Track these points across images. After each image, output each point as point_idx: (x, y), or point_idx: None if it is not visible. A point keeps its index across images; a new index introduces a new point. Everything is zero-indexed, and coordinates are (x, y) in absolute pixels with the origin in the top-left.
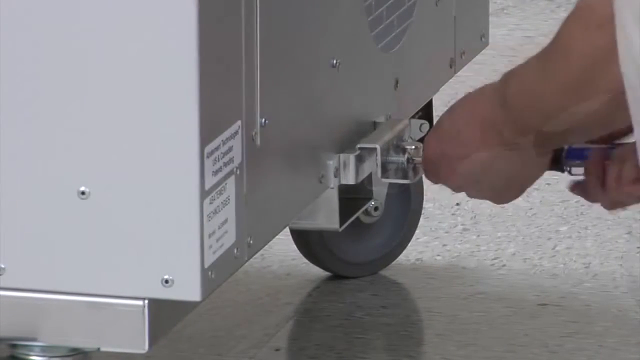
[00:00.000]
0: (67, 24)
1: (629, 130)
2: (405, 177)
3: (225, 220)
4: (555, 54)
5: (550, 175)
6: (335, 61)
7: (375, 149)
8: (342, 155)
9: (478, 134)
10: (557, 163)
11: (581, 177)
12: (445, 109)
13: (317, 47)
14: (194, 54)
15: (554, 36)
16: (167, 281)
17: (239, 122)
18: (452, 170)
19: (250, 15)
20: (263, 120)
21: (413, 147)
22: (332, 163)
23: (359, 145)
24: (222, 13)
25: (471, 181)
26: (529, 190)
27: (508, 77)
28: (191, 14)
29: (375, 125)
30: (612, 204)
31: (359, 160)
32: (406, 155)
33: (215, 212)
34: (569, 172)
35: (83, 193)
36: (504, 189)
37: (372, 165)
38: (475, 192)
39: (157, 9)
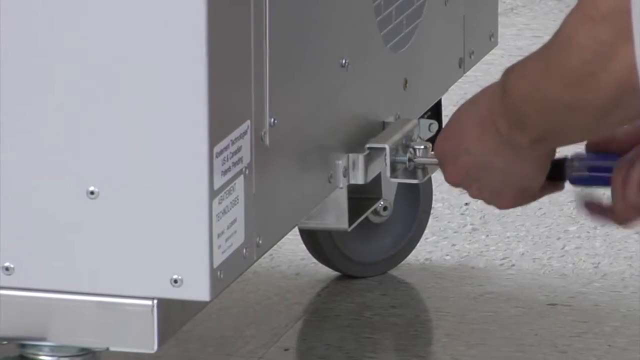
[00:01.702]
0: (77, 23)
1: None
2: (414, 177)
3: (234, 220)
4: (557, 46)
5: None
6: (344, 61)
7: (384, 148)
8: (351, 155)
9: (477, 129)
10: (559, 173)
11: (586, 191)
12: (455, 108)
13: (326, 47)
14: (204, 54)
15: (557, 29)
16: (176, 281)
17: (248, 122)
18: (454, 166)
19: (259, 15)
20: (272, 120)
21: (422, 147)
22: (341, 163)
23: (368, 145)
24: (231, 13)
25: (471, 178)
26: None
27: (509, 69)
28: (200, 14)
29: (384, 125)
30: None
31: (368, 160)
32: (407, 155)
33: (224, 212)
34: (571, 182)
35: (92, 193)
36: (502, 188)
37: (381, 165)
38: (475, 191)
39: (166, 9)
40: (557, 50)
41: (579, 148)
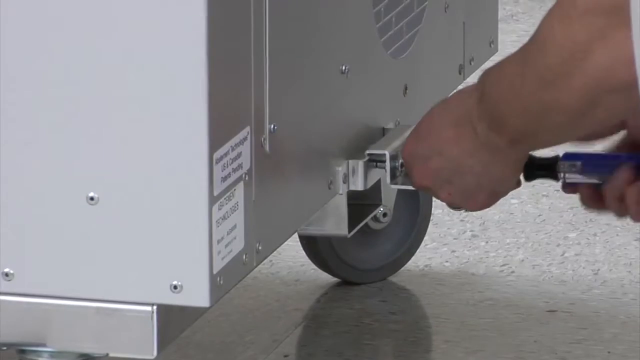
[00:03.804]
0: (77, 28)
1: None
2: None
3: (234, 226)
4: (535, 45)
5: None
6: (344, 67)
7: (384, 155)
8: (351, 162)
9: (452, 130)
10: (551, 170)
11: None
12: None
13: (326, 54)
14: (203, 61)
15: (536, 29)
16: (175, 287)
17: (248, 128)
18: (424, 168)
19: (259, 21)
20: (272, 126)
21: None
22: (341, 169)
23: (367, 152)
24: (231, 19)
25: (442, 180)
26: (537, 196)
27: (487, 71)
28: (201, 20)
29: (384, 131)
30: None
31: (368, 166)
32: (400, 160)
33: (224, 218)
34: (564, 181)
35: (92, 199)
36: (475, 191)
37: (380, 172)
38: (445, 193)
39: (166, 16)
40: (534, 49)
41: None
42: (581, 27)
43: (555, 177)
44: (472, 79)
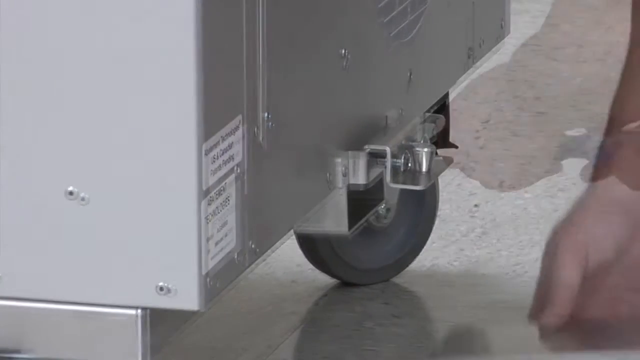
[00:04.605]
0: (63, 22)
1: None
2: (416, 182)
3: (226, 223)
4: None
5: (576, 175)
6: (344, 51)
7: (384, 151)
8: (351, 154)
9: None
10: None
11: None
12: (462, 102)
13: (324, 37)
14: (199, 56)
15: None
16: (162, 289)
17: (239, 117)
18: None
19: (253, 7)
20: (266, 115)
21: (425, 149)
22: (340, 161)
23: (368, 147)
24: (223, 8)
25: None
26: (553, 190)
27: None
28: (191, 11)
29: (387, 119)
30: None
31: (369, 160)
32: (402, 159)
33: (214, 213)
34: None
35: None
36: None
37: (381, 168)
38: None
39: (153, 4)
40: None
41: None
42: None
43: None
44: (482, 63)
